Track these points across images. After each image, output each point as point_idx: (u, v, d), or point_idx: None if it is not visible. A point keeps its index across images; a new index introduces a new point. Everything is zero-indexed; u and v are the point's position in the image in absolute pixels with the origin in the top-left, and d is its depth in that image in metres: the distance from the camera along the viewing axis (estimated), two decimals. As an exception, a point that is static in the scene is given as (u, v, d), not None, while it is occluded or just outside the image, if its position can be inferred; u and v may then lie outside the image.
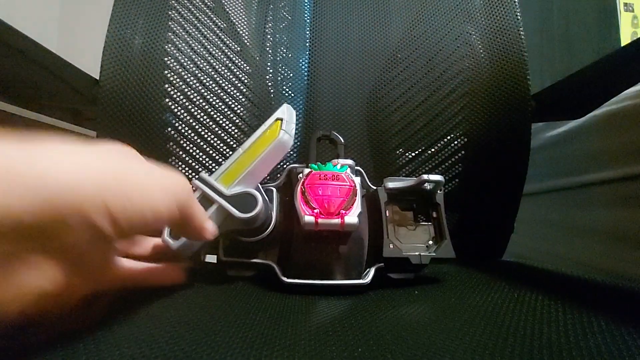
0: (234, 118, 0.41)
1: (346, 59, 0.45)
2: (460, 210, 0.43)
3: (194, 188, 0.29)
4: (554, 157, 0.56)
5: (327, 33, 0.45)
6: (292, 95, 0.44)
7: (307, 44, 0.45)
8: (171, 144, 0.40)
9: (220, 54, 0.43)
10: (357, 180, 0.32)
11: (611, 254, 0.45)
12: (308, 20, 0.46)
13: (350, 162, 0.35)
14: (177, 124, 0.40)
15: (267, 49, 0.44)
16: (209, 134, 0.41)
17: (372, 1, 0.47)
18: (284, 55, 0.45)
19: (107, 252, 0.21)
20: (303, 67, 0.44)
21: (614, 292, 0.29)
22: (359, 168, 0.36)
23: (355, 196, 0.30)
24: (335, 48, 0.45)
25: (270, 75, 0.43)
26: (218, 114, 0.41)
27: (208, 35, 0.43)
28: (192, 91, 0.41)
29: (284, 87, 0.43)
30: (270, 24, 0.45)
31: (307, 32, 0.46)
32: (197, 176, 0.30)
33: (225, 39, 0.43)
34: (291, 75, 0.44)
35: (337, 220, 0.29)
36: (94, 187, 0.17)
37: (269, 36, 0.45)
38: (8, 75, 0.40)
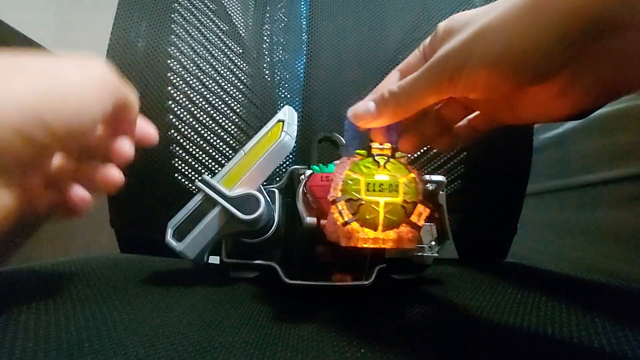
0: (235, 119, 0.41)
1: (344, 61, 0.45)
2: (462, 211, 0.43)
3: (196, 190, 0.30)
4: (557, 157, 0.56)
5: (324, 35, 0.45)
6: (289, 96, 0.44)
7: (304, 46, 0.45)
8: (174, 145, 0.40)
9: (222, 56, 0.43)
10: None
11: (614, 254, 0.45)
12: (305, 22, 0.47)
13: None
14: (179, 126, 0.40)
15: (264, 50, 0.44)
16: (211, 135, 0.41)
17: (371, 3, 0.47)
18: (281, 57, 0.45)
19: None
20: (299, 69, 0.45)
21: (618, 293, 0.29)
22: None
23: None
24: (333, 50, 0.45)
25: (268, 76, 0.44)
26: (220, 116, 0.41)
27: (210, 38, 0.43)
28: (195, 93, 0.41)
29: (281, 89, 0.44)
30: (267, 26, 0.45)
31: (304, 35, 0.46)
32: (199, 178, 0.30)
33: (227, 41, 0.43)
34: (287, 76, 0.44)
35: (339, 221, 0.29)
36: (25, 99, 0.17)
37: (266, 38, 0.45)
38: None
